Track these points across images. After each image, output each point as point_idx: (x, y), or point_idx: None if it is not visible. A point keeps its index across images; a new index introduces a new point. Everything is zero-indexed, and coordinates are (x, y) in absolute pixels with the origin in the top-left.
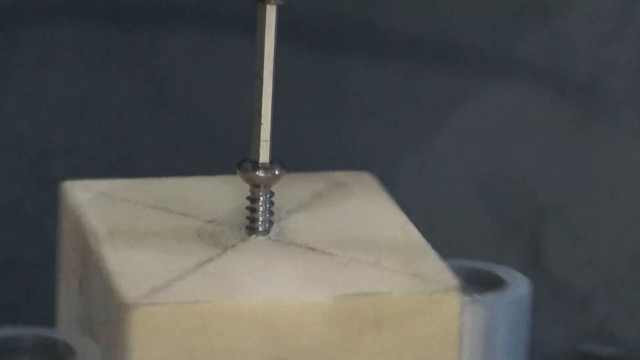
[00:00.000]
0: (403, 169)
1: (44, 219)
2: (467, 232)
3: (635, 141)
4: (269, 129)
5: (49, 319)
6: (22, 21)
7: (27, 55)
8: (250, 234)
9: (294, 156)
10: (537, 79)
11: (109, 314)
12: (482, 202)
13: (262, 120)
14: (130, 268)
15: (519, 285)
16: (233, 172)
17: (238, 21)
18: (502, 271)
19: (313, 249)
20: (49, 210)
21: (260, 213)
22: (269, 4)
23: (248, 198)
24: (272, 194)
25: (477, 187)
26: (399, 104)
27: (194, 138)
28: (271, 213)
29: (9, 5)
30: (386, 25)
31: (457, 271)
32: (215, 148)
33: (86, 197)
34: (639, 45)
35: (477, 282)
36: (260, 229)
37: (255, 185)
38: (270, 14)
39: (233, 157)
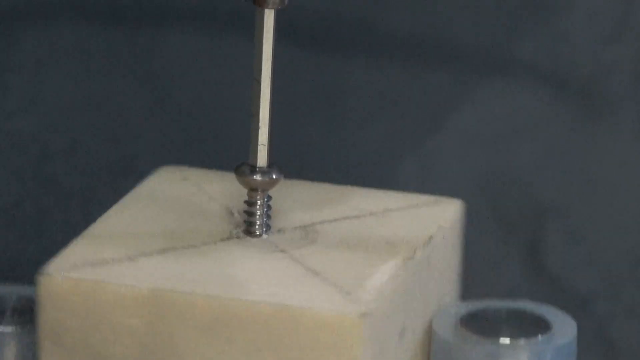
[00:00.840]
0: (403, 169)
1: (44, 219)
2: (467, 232)
3: (635, 141)
4: (267, 133)
5: None
6: (22, 21)
7: (27, 55)
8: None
9: (294, 157)
10: (537, 79)
11: None
12: (482, 202)
13: (260, 124)
14: None
15: (566, 329)
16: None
17: (238, 22)
18: (547, 312)
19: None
20: (49, 210)
21: (257, 217)
22: (267, 8)
23: (245, 202)
24: (269, 197)
25: (477, 187)
26: (399, 104)
27: (193, 139)
28: (268, 217)
29: (9, 6)
30: (386, 25)
31: (497, 312)
32: (215, 148)
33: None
34: (639, 45)
35: (519, 324)
36: (258, 233)
37: (252, 189)
38: (269, 18)
39: (232, 158)
